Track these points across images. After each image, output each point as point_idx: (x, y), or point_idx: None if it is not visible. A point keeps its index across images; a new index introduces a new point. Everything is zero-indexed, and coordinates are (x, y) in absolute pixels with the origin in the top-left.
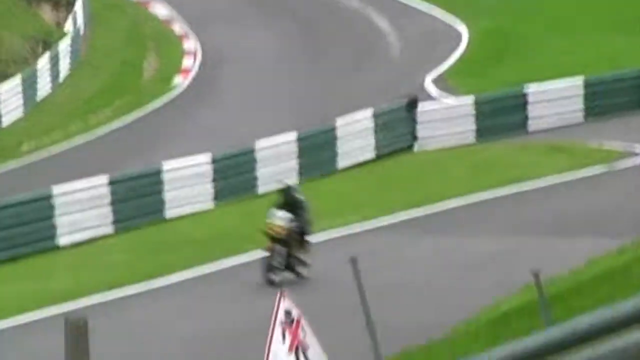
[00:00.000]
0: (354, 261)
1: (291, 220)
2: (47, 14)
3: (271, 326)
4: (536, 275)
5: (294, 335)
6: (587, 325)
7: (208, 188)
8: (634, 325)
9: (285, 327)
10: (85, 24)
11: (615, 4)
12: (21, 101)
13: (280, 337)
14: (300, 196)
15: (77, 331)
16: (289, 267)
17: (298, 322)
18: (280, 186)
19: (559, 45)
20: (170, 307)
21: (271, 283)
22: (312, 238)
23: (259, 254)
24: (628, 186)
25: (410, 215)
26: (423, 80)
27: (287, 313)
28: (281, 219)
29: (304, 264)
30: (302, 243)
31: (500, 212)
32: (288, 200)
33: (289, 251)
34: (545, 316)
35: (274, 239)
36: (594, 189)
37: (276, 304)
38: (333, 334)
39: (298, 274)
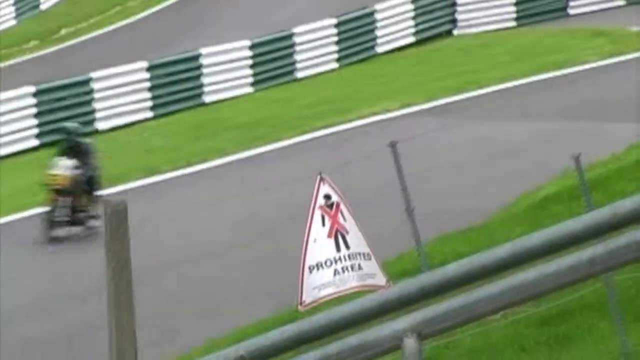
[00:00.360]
0: (393, 145)
1: (75, 168)
2: None
3: (310, 210)
4: (577, 160)
5: (334, 220)
6: (628, 209)
7: (247, 73)
8: None
9: (325, 211)
10: None
11: None
12: None
13: (320, 222)
14: (84, 141)
15: (116, 214)
16: (76, 221)
17: (338, 206)
18: (61, 134)
19: None
20: (208, 191)
21: (55, 240)
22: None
23: (290, 140)
24: None
25: (450, 100)
26: None
27: (327, 197)
28: (63, 167)
29: (93, 216)
30: (90, 193)
31: (541, 97)
32: (71, 146)
33: (74, 203)
34: (586, 200)
35: (57, 191)
36: (635, 74)
37: (316, 187)
38: (374, 218)
39: (88, 227)
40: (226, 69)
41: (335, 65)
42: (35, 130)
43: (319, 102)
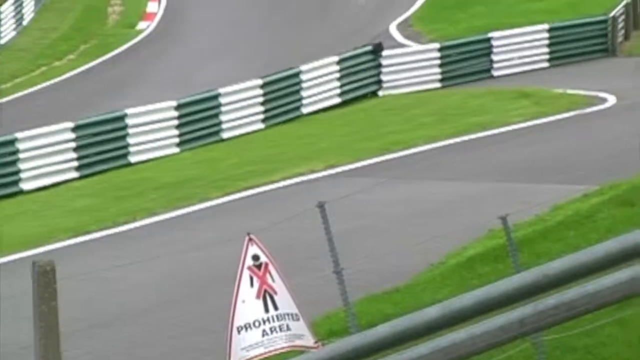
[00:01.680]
0: (321, 206)
1: None
2: None
3: (239, 271)
4: (504, 220)
5: (262, 280)
6: (557, 270)
7: (173, 133)
8: (608, 269)
9: (253, 272)
10: None
11: None
12: None
13: (249, 282)
14: None
15: (44, 275)
16: None
17: (266, 266)
18: None
19: None
20: (135, 252)
21: None
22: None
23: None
24: (593, 132)
25: (376, 160)
26: (388, 27)
27: (255, 258)
28: None
29: None
30: None
31: (465, 158)
32: None
33: None
34: (514, 260)
35: None
36: (559, 134)
37: (244, 248)
38: (301, 278)
39: None
40: (152, 129)
41: (261, 125)
42: None
43: (245, 163)
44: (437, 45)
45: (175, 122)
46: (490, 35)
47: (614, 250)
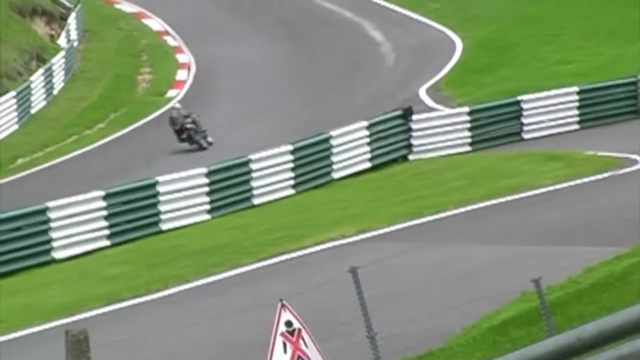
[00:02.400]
0: (354, 271)
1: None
2: (40, 28)
3: (272, 337)
4: (537, 283)
5: (295, 347)
6: (591, 334)
7: (204, 200)
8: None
9: (287, 338)
10: (79, 38)
11: (601, 13)
12: (15, 115)
13: (282, 349)
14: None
15: (77, 343)
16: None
17: (299, 332)
18: None
19: (551, 54)
20: (168, 319)
21: None
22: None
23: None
24: (625, 194)
25: (407, 225)
26: (418, 91)
27: (288, 323)
28: None
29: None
30: None
31: (497, 221)
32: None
33: None
34: (547, 324)
35: None
36: (590, 196)
37: (277, 314)
38: (334, 343)
39: None
40: (183, 197)
41: (292, 191)
42: None
43: (276, 228)
44: (466, 109)
45: (206, 188)
46: (520, 98)
47: None
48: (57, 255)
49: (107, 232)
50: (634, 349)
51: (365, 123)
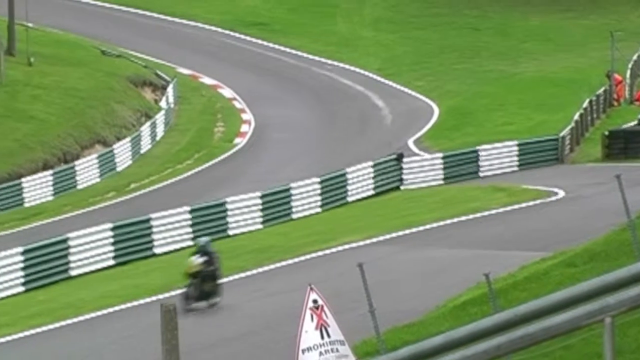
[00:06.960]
0: (360, 266)
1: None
2: (148, 94)
3: (303, 310)
4: (487, 276)
5: (319, 317)
6: (525, 311)
7: (259, 215)
8: (560, 310)
9: (313, 311)
10: (174, 101)
11: (532, 90)
12: (130, 154)
13: (310, 319)
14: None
15: (168, 313)
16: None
17: (322, 307)
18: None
19: (499, 118)
20: (232, 297)
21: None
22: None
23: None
24: (549, 215)
25: (400, 234)
26: (407, 142)
27: (314, 301)
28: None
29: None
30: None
31: (461, 232)
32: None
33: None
34: (494, 304)
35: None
36: (525, 217)
37: (307, 295)
38: (346, 315)
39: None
40: (245, 212)
41: (319, 209)
42: (112, 254)
43: (309, 235)
44: (441, 154)
45: (260, 206)
46: (477, 148)
47: (562, 298)
48: (157, 250)
49: (191, 235)
50: (552, 323)
51: (370, 163)
